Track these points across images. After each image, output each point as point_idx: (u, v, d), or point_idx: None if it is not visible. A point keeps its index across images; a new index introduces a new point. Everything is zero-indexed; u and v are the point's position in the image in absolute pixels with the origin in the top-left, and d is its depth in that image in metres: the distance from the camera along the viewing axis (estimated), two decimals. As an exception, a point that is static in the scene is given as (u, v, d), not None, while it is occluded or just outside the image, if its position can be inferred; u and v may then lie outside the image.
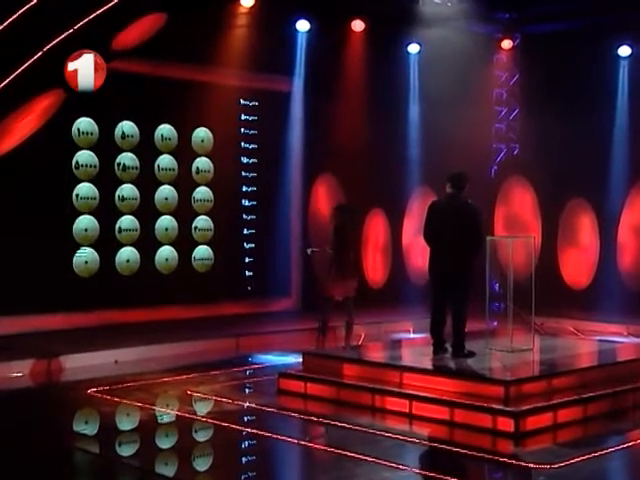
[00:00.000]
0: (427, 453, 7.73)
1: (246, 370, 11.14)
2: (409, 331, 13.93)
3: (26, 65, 10.22)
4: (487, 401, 8.18)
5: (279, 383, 9.73)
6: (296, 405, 9.18)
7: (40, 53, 10.21)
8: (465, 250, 9.26)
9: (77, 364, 11.01)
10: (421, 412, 8.46)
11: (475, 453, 7.48)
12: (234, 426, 8.30)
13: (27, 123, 11.01)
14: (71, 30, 10.28)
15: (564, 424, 8.21)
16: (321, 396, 9.28)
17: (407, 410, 8.56)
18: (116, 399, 9.32)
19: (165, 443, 8.21)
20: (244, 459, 7.75)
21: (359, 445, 7.63)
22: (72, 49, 10.43)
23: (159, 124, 13.96)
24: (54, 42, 10.29)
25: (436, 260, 9.49)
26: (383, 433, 8.00)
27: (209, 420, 8.61)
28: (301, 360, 10.03)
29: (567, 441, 8.00)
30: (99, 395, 9.52)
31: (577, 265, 15.65)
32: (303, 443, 7.81)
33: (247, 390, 10.14)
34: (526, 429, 7.89)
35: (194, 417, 8.70)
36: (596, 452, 7.44)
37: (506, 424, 7.86)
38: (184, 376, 10.52)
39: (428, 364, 9.26)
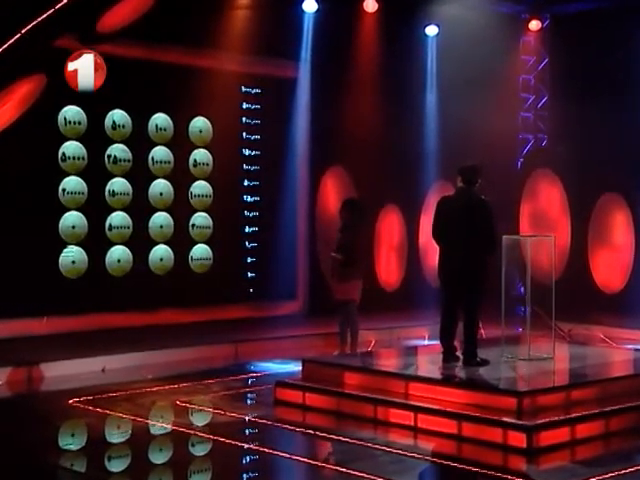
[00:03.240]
0: (429, 470, 7.68)
1: (243, 379, 11.13)
2: (424, 337, 13.87)
3: (3, 48, 10.24)
4: (498, 414, 8.11)
5: (276, 393, 9.71)
6: (293, 417, 9.16)
7: (18, 35, 10.23)
8: (476, 249, 9.20)
9: (60, 372, 11.01)
10: (427, 425, 8.41)
11: (483, 470, 7.41)
12: (225, 439, 8.26)
13: (5, 111, 11.05)
14: (52, 10, 10.29)
15: (583, 440, 8.11)
16: (320, 407, 9.26)
17: (412, 423, 8.51)
18: (99, 410, 9.31)
19: (150, 459, 8.14)
20: (234, 475, 7.69)
21: (356, 460, 7.60)
22: (53, 31, 10.46)
23: (153, 113, 13.89)
24: (34, 23, 10.30)
25: (446, 260, 9.44)
26: (384, 447, 7.96)
27: (198, 433, 8.59)
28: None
29: (586, 459, 7.91)
30: (81, 406, 9.52)
31: (610, 267, 15.50)
32: (295, 458, 7.77)
33: (242, 401, 10.11)
34: (540, 445, 7.81)
35: (183, 430, 8.66)
36: (618, 471, 7.33)
37: (518, 439, 7.79)
38: (176, 385, 10.53)
39: (436, 373, 9.20)
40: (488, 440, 7.94)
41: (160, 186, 14.02)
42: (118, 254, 13.55)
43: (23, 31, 10.30)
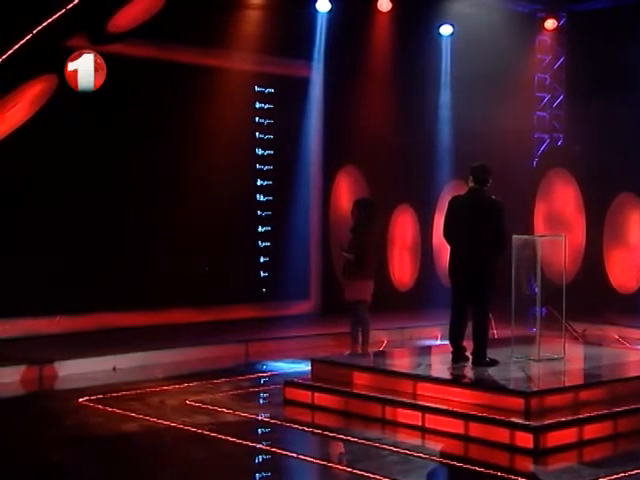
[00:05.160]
0: (435, 470, 7.69)
1: (253, 379, 11.15)
2: (437, 337, 13.86)
3: (15, 48, 10.32)
4: (506, 414, 8.11)
5: (285, 393, 9.75)
6: (301, 417, 9.17)
7: (30, 36, 10.31)
8: (486, 249, 9.20)
9: (72, 371, 11.10)
10: (434, 425, 8.43)
11: (488, 471, 7.40)
12: (233, 439, 8.30)
13: (17, 111, 11.11)
14: (63, 11, 10.36)
15: (591, 441, 8.11)
16: (329, 407, 9.29)
17: (419, 423, 8.52)
18: (108, 409, 9.37)
19: (157, 458, 8.15)
20: (241, 474, 7.69)
21: (363, 460, 7.63)
22: (64, 31, 10.53)
23: (164, 112, 13.92)
24: (45, 24, 10.38)
25: (456, 260, 9.47)
26: (391, 447, 7.98)
27: (205, 432, 8.62)
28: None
29: (594, 460, 7.90)
30: (90, 405, 9.59)
31: (625, 267, 15.45)
32: (302, 458, 7.80)
33: (251, 400, 10.11)
34: (547, 446, 7.81)
35: (190, 429, 8.69)
36: (626, 472, 7.32)
37: (525, 440, 7.79)
38: (185, 384, 10.58)
39: (445, 373, 9.22)
40: (495, 440, 7.95)
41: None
42: (131, 253, 13.59)
43: (34, 31, 10.38)
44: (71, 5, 10.41)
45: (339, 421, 8.97)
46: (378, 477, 7.15)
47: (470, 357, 9.45)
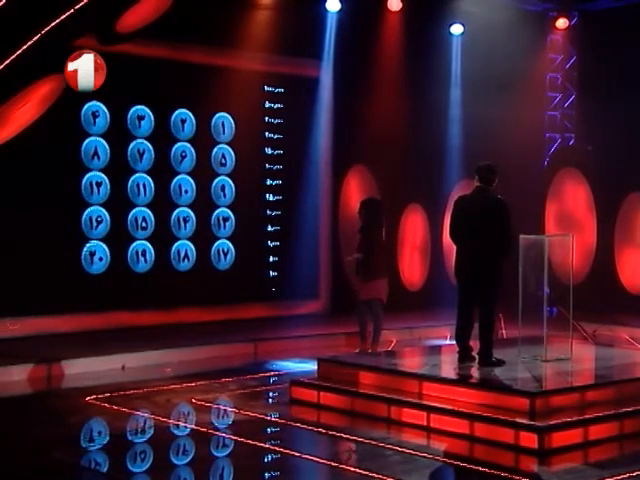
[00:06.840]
0: (439, 470, 7.67)
1: (261, 378, 11.16)
2: (446, 337, 13.84)
3: (24, 48, 10.38)
4: (511, 414, 8.10)
5: (291, 392, 9.77)
6: (307, 416, 9.17)
7: (38, 35, 10.37)
8: (491, 249, 9.20)
9: (80, 370, 11.12)
10: (439, 425, 8.42)
11: (492, 471, 7.39)
12: (237, 438, 8.32)
13: (25, 111, 11.16)
14: (72, 11, 10.41)
15: (596, 441, 8.09)
16: (335, 406, 9.30)
17: (425, 423, 8.53)
18: (115, 408, 9.40)
19: (160, 456, 8.16)
20: (245, 473, 7.70)
21: (366, 460, 7.65)
22: (73, 31, 10.59)
23: (176, 111, 13.99)
24: (53, 24, 10.43)
25: (461, 260, 9.47)
26: (396, 447, 7.98)
27: (210, 431, 8.65)
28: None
29: (599, 460, 7.87)
30: (97, 403, 9.62)
31: (636, 267, 15.41)
32: (306, 457, 7.82)
33: (258, 399, 10.12)
34: (552, 446, 7.79)
35: (195, 428, 8.74)
36: (632, 473, 7.30)
37: (529, 440, 7.77)
38: (193, 383, 10.60)
39: (450, 373, 9.23)
40: (500, 441, 7.95)
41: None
42: (140, 252, 13.64)
43: (43, 31, 10.43)
44: (80, 5, 10.46)
45: (344, 420, 8.98)
46: (382, 476, 7.15)
47: (476, 357, 9.45)
